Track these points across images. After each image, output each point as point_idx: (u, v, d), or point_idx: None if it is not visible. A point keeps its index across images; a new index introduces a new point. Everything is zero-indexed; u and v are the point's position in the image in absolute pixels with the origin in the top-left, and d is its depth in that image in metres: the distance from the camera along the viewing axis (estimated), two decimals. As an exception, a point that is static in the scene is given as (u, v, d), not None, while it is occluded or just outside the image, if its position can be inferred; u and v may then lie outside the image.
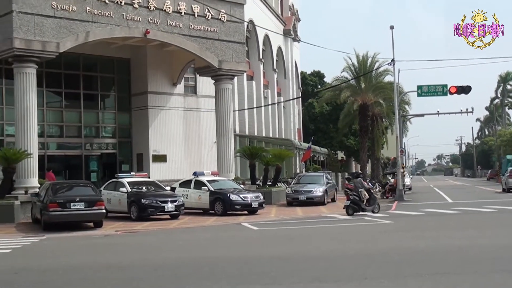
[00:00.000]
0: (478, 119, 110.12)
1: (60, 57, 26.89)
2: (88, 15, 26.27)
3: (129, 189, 24.24)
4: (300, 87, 64.65)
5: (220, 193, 25.91)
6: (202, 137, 35.55)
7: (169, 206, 23.59)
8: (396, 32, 38.96)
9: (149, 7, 28.11)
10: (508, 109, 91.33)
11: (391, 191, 37.07)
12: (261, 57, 48.49)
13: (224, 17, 30.88)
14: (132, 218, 23.51)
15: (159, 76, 34.12)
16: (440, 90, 36.76)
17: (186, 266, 12.18)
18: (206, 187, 26.36)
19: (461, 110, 45.04)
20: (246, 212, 25.76)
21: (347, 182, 43.66)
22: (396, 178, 37.12)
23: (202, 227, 21.41)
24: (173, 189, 26.71)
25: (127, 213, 23.99)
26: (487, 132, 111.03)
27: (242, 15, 32.21)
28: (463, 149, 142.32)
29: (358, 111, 47.20)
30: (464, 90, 36.31)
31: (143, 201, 23.40)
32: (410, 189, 47.86)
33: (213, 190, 26.17)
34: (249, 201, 25.75)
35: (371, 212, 24.61)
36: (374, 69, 46.67)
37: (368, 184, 29.50)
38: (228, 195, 25.62)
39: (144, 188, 24.93)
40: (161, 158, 33.82)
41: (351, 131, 60.03)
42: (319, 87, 65.90)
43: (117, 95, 34.73)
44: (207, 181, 26.82)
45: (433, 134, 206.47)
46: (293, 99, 57.87)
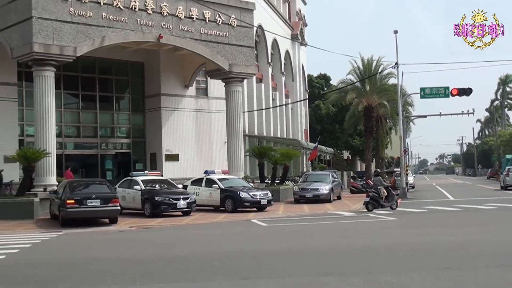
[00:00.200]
0: (478, 120, 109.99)
1: (77, 60, 27.00)
2: (104, 20, 26.35)
3: (143, 187, 24.29)
4: (307, 89, 64.56)
5: (230, 191, 25.93)
6: (213, 137, 35.58)
7: (181, 203, 23.62)
8: (399, 34, 38.69)
9: (162, 13, 28.16)
10: (507, 110, 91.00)
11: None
12: (269, 61, 48.48)
13: (234, 22, 30.88)
14: (145, 215, 23.56)
15: (171, 79, 34.18)
16: (442, 92, 36.68)
17: (198, 260, 12.17)
18: (217, 185, 26.37)
19: (463, 111, 44.81)
20: (255, 209, 25.75)
21: (352, 180, 43.84)
22: (393, 177, 37.26)
23: (213, 223, 21.41)
24: (185, 187, 26.74)
25: (141, 210, 24.05)
26: (487, 133, 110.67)
27: (251, 20, 32.22)
28: (464, 148, 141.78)
29: (363, 112, 47.04)
30: (465, 92, 36.21)
31: (156, 198, 23.45)
32: (413, 187, 47.70)
33: (223, 188, 26.19)
34: (258, 199, 25.75)
35: (389, 208, 24.76)
36: (379, 72, 46.49)
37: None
38: (238, 192, 25.63)
39: (157, 186, 24.99)
40: (173, 157, 33.89)
41: (356, 131, 59.86)
42: (325, 89, 65.78)
43: (131, 97, 34.83)
44: (218, 179, 26.82)
45: (435, 134, 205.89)
46: (300, 100, 57.85)
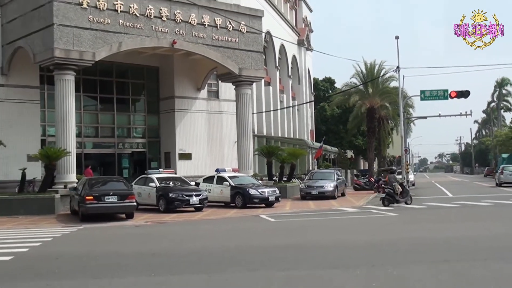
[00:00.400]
0: (476, 121, 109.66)
1: (96, 65, 27.06)
2: (121, 27, 26.41)
3: (158, 184, 24.32)
4: (313, 92, 64.46)
5: (240, 188, 25.93)
6: (224, 137, 35.58)
7: (194, 200, 23.65)
8: (401, 39, 38.64)
9: (176, 20, 28.19)
10: (503, 112, 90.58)
11: (383, 185, 37.00)
12: (277, 65, 48.43)
13: (244, 28, 30.87)
14: (160, 210, 23.60)
15: (185, 82, 34.21)
16: (442, 95, 36.55)
17: (210, 253, 12.19)
18: (228, 183, 26.38)
19: (461, 113, 44.65)
20: (263, 205, 25.74)
21: (355, 178, 43.74)
22: (388, 175, 37.24)
23: (224, 218, 21.42)
24: (197, 184, 26.74)
25: (155, 206, 24.09)
26: (484, 133, 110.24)
27: (260, 26, 32.19)
28: (462, 148, 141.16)
29: (366, 113, 46.95)
30: (464, 94, 36.07)
31: (170, 195, 23.49)
32: (413, 184, 47.51)
33: (233, 185, 26.20)
34: (266, 195, 25.73)
35: (404, 203, 24.98)
36: (381, 75, 46.43)
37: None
38: (248, 189, 25.63)
39: (171, 183, 25.02)
40: (186, 156, 33.91)
41: (359, 132, 59.73)
42: (330, 92, 65.64)
43: (146, 99, 34.87)
44: (228, 177, 26.84)
45: (434, 134, 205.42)
46: (306, 102, 57.77)
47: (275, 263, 10.80)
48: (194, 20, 28.84)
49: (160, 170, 27.71)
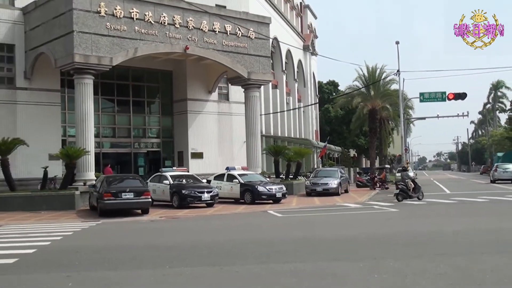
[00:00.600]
0: (472, 122, 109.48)
1: (113, 69, 27.14)
2: (137, 34, 26.48)
3: (171, 182, 24.38)
4: (317, 94, 64.40)
5: (249, 185, 25.94)
6: (234, 137, 35.59)
7: (206, 196, 23.67)
8: (401, 42, 38.56)
9: (188, 27, 28.23)
10: (498, 112, 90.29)
11: (378, 182, 37.19)
12: (284, 69, 48.39)
13: (253, 34, 30.86)
14: (174, 206, 23.64)
15: (197, 85, 34.25)
16: (440, 97, 36.50)
17: (220, 247, 12.20)
18: (237, 180, 26.40)
19: (458, 114, 44.78)
20: (271, 201, 25.73)
21: (358, 176, 43.64)
22: (383, 173, 37.77)
23: (234, 214, 21.43)
24: (208, 181, 26.78)
25: (169, 202, 24.14)
26: (480, 133, 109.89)
27: (267, 33, 32.17)
28: (460, 147, 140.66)
29: (368, 115, 46.82)
30: (461, 96, 35.99)
31: (183, 191, 23.52)
32: (413, 182, 47.30)
33: (243, 182, 26.21)
34: (273, 192, 25.74)
35: (416, 199, 25.17)
36: (382, 78, 46.32)
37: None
38: (256, 186, 25.64)
39: (184, 180, 25.04)
40: (198, 155, 33.94)
41: (361, 132, 59.62)
42: (334, 94, 65.56)
43: (161, 102, 34.95)
44: (238, 174, 26.86)
45: (433, 134, 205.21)
46: (311, 104, 57.73)
47: (282, 256, 10.80)
48: (206, 27, 28.87)
49: (174, 168, 27.76)
